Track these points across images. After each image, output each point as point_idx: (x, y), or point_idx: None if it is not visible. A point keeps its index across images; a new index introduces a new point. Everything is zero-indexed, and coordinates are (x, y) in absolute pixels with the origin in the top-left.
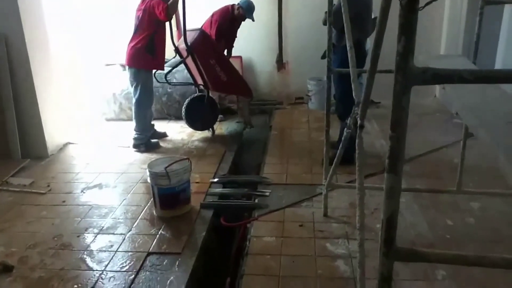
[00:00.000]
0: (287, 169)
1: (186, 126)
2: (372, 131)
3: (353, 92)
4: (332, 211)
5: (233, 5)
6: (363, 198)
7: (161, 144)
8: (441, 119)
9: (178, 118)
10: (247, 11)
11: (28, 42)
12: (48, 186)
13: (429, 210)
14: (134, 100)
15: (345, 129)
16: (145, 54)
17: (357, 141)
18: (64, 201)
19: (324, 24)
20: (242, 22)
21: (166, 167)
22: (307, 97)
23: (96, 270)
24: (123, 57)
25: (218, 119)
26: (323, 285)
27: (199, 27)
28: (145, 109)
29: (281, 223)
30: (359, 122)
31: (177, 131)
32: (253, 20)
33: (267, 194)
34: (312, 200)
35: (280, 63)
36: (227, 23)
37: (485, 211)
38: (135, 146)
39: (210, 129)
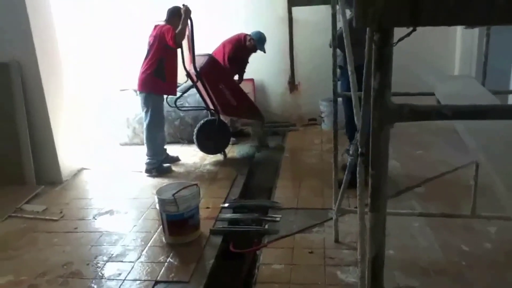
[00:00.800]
0: (298, 192)
1: (199, 149)
2: None
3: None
4: (343, 237)
5: (245, 36)
6: (365, 229)
7: (174, 168)
8: (457, 138)
9: (191, 142)
10: (258, 43)
11: (42, 68)
12: (61, 212)
13: (443, 234)
14: (145, 125)
15: (348, 156)
16: (154, 79)
17: (358, 169)
18: (76, 228)
19: (331, 47)
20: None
21: (174, 194)
22: (320, 119)
23: None
24: (136, 82)
25: (230, 142)
26: None
27: (209, 52)
28: (156, 133)
29: (290, 249)
30: (359, 149)
31: (189, 155)
32: (264, 52)
33: (278, 219)
34: (323, 225)
35: (292, 84)
36: (239, 53)
37: (502, 235)
38: (147, 170)
39: (222, 152)
